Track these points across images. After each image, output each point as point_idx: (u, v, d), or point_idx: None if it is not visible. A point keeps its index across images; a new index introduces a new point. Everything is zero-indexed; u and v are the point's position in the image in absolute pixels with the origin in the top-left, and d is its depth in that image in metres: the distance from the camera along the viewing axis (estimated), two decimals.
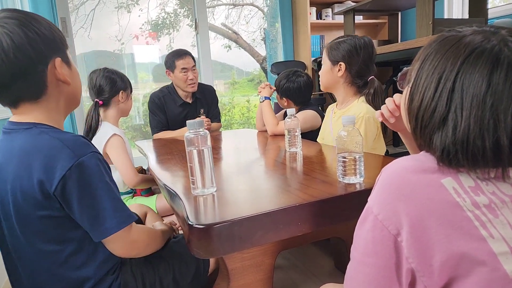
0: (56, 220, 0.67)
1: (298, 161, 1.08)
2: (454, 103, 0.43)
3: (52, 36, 0.68)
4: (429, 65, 0.47)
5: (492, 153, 0.42)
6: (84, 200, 0.65)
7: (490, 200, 0.42)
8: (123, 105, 1.48)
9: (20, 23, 0.63)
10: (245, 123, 4.56)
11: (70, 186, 0.63)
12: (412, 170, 0.46)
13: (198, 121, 0.74)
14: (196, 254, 0.61)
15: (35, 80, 0.67)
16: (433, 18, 1.65)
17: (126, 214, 0.71)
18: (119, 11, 3.55)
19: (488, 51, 0.42)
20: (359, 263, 0.49)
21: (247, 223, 0.62)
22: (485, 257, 0.40)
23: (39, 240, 0.67)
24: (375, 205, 0.47)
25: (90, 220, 0.66)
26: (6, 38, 0.62)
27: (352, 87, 1.28)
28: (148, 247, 0.79)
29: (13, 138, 0.68)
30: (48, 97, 0.70)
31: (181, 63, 1.96)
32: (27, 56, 0.64)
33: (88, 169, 0.65)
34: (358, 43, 1.23)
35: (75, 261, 0.70)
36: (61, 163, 0.63)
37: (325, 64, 1.32)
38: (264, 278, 0.83)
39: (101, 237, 0.69)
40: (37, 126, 0.68)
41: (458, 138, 0.43)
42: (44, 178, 0.63)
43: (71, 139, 0.67)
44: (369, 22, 3.06)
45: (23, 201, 0.65)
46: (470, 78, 0.42)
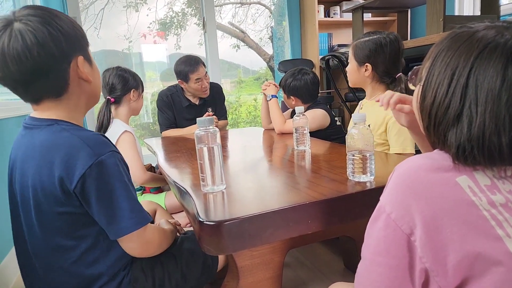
0: (74, 216, 0.68)
1: (306, 159, 1.08)
2: (469, 99, 0.42)
3: (74, 33, 0.69)
4: (441, 62, 0.46)
5: (509, 150, 0.41)
6: (102, 199, 0.66)
7: (507, 199, 0.41)
8: (134, 103, 1.49)
9: (43, 20, 0.64)
10: (252, 121, 4.56)
11: (89, 184, 0.64)
12: (426, 168, 0.45)
13: (209, 118, 0.74)
14: (206, 251, 0.61)
15: (58, 78, 0.67)
16: (444, 15, 1.63)
17: (143, 215, 0.71)
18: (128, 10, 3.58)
19: (501, 46, 0.41)
20: (371, 262, 0.48)
21: (257, 220, 0.62)
22: (501, 257, 0.39)
23: (57, 235, 0.68)
24: (387, 204, 0.47)
25: (107, 218, 0.67)
26: (30, 36, 0.62)
27: (381, 84, 1.28)
28: (161, 247, 0.80)
29: (34, 134, 0.68)
30: (69, 94, 0.70)
31: (195, 75, 1.92)
32: (50, 53, 0.64)
33: (107, 168, 0.66)
34: (384, 42, 1.21)
35: (90, 257, 0.70)
36: (81, 161, 0.64)
37: (352, 63, 1.31)
38: (273, 276, 0.83)
39: (117, 236, 0.69)
40: (59, 123, 0.69)
41: (474, 134, 0.42)
42: (64, 175, 0.64)
43: (92, 137, 0.67)
44: (378, 20, 3.03)
45: (43, 196, 0.65)
46: (484, 73, 0.41)
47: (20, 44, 0.61)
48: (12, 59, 0.62)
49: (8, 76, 0.64)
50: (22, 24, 0.63)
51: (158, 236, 0.78)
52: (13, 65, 0.62)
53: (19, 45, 0.61)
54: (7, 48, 0.61)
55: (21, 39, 0.61)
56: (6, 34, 0.62)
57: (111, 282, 0.74)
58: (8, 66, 0.62)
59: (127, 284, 0.75)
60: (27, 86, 0.66)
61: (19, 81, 0.65)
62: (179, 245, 0.85)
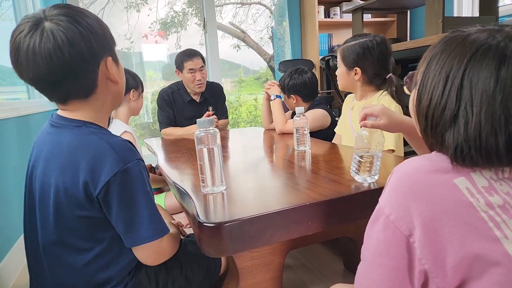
0: (93, 220, 0.67)
1: (307, 160, 1.08)
2: (464, 100, 0.43)
3: (103, 33, 0.68)
4: (436, 65, 0.47)
5: (506, 149, 0.41)
6: (123, 205, 0.65)
7: (504, 201, 0.42)
8: (134, 103, 1.49)
9: (73, 20, 0.63)
10: (252, 121, 4.56)
11: (113, 190, 0.64)
12: (425, 170, 0.46)
13: (209, 119, 0.74)
14: (206, 253, 0.61)
15: (87, 79, 0.67)
16: (443, 16, 1.63)
17: (161, 226, 0.70)
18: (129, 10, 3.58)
19: (494, 48, 0.42)
20: (371, 263, 0.49)
21: (257, 221, 0.62)
22: (500, 258, 0.39)
23: (72, 237, 0.68)
24: (386, 206, 0.47)
25: (125, 226, 0.67)
26: (61, 35, 0.61)
27: (371, 85, 1.29)
28: (172, 253, 0.79)
29: (62, 134, 0.68)
30: (97, 95, 0.70)
31: (189, 64, 1.97)
32: (81, 53, 0.63)
33: (132, 176, 0.65)
34: (371, 45, 1.22)
35: (101, 261, 0.70)
36: (108, 167, 0.63)
37: (341, 68, 1.32)
38: (273, 277, 0.83)
39: (133, 244, 0.69)
40: (87, 125, 0.69)
41: (470, 134, 0.43)
42: (90, 180, 0.63)
43: (119, 143, 0.67)
44: (377, 21, 3.03)
45: (65, 198, 0.65)
46: (478, 74, 0.42)
47: (52, 43, 0.61)
48: (43, 58, 0.61)
49: (38, 76, 0.63)
50: (53, 24, 0.62)
51: (172, 245, 0.77)
52: (43, 65, 0.61)
53: (50, 44, 0.61)
54: (38, 48, 0.61)
55: (53, 38, 0.61)
56: (38, 33, 0.61)
57: (118, 286, 0.73)
58: (39, 66, 0.61)
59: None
60: (56, 86, 0.65)
61: (49, 81, 0.64)
62: (183, 249, 0.85)
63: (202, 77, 2.01)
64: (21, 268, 1.39)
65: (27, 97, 2.07)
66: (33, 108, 1.74)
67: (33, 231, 0.72)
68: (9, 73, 2.18)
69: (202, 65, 2.01)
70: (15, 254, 1.37)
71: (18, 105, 1.68)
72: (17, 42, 0.62)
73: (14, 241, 1.41)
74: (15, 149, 1.50)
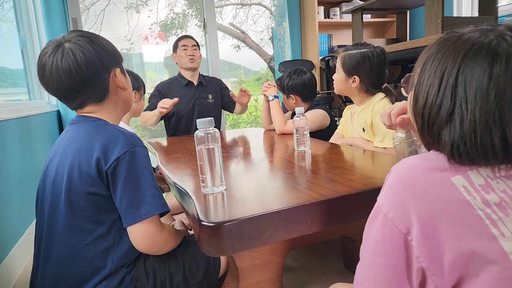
0: (100, 198, 0.74)
1: (306, 160, 1.08)
2: (459, 97, 0.44)
3: (112, 50, 0.83)
4: (431, 66, 0.48)
5: (501, 145, 0.42)
6: (129, 182, 0.73)
7: (500, 199, 0.42)
8: (136, 105, 1.50)
9: (89, 40, 0.77)
10: (252, 122, 4.56)
11: (121, 167, 0.72)
12: (422, 168, 0.46)
13: (208, 119, 0.75)
14: (206, 252, 0.61)
15: (101, 86, 0.80)
16: (442, 16, 1.64)
17: (162, 202, 0.76)
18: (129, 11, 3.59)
19: (486, 46, 0.43)
20: (369, 262, 0.49)
21: (257, 221, 0.62)
22: (496, 256, 0.40)
23: (78, 215, 0.73)
24: (384, 204, 0.47)
25: (129, 202, 0.73)
26: (79, 53, 0.75)
27: (365, 93, 1.34)
28: (167, 245, 0.81)
29: (80, 126, 0.79)
30: (109, 100, 0.83)
31: (182, 42, 2.10)
32: (95, 67, 0.77)
33: (139, 157, 0.75)
34: (371, 56, 1.27)
35: (101, 244, 0.74)
36: (118, 147, 0.73)
37: (340, 73, 1.35)
38: (273, 277, 0.83)
39: (133, 221, 0.73)
40: (102, 120, 0.81)
41: (466, 131, 0.43)
42: (102, 156, 0.72)
43: (129, 132, 0.78)
44: (377, 21, 3.04)
45: (78, 175, 0.73)
46: (472, 72, 0.43)
47: (72, 59, 0.74)
48: (65, 72, 0.74)
49: (61, 86, 0.76)
50: (72, 44, 0.75)
51: (166, 233, 0.80)
52: (65, 77, 0.74)
53: (70, 60, 0.74)
54: (60, 63, 0.74)
55: (72, 55, 0.74)
56: (59, 52, 0.74)
57: (114, 277, 0.75)
58: (61, 78, 0.74)
59: (129, 282, 0.76)
60: (76, 94, 0.78)
61: (70, 90, 0.77)
62: (184, 248, 0.86)
63: (193, 54, 2.10)
64: (24, 265, 1.41)
65: (28, 98, 2.08)
66: (34, 109, 1.75)
67: (42, 217, 0.77)
68: (11, 74, 2.19)
69: (195, 45, 2.12)
70: (17, 252, 1.38)
71: (19, 106, 1.69)
72: (43, 61, 0.75)
73: (17, 238, 1.42)
74: (16, 150, 1.51)
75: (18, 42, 2.12)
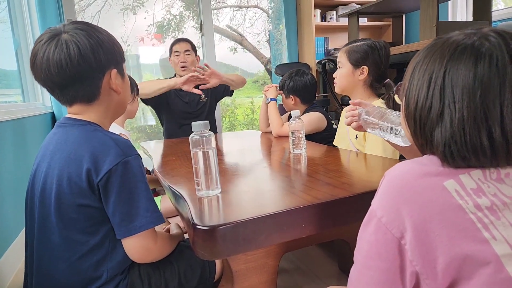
0: (92, 210, 0.70)
1: (302, 163, 1.08)
2: (447, 98, 0.45)
3: (112, 49, 0.76)
4: (419, 70, 0.50)
5: (489, 144, 0.43)
6: (122, 195, 0.69)
7: (491, 202, 0.43)
8: (129, 106, 1.49)
9: (88, 34, 0.72)
10: (249, 124, 4.56)
11: (113, 180, 0.68)
12: (415, 173, 0.47)
13: (204, 122, 0.74)
14: (200, 256, 0.61)
15: (91, 85, 0.74)
16: (437, 21, 1.65)
17: (157, 215, 0.73)
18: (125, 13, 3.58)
19: (470, 46, 0.45)
20: (363, 266, 0.49)
21: (252, 224, 0.62)
22: (489, 259, 0.40)
23: (71, 228, 0.70)
24: (378, 208, 0.48)
25: (122, 215, 0.70)
26: (74, 47, 0.69)
27: (369, 89, 1.29)
28: (162, 254, 0.80)
29: (68, 131, 0.74)
30: (100, 102, 0.77)
31: (175, 47, 2.03)
32: (89, 64, 0.71)
33: (132, 168, 0.71)
34: (379, 46, 1.25)
35: (94, 256, 0.72)
36: (110, 158, 0.69)
37: (345, 67, 1.30)
38: (268, 280, 0.83)
39: (127, 234, 0.71)
40: (91, 124, 0.75)
41: (455, 129, 0.45)
42: (93, 168, 0.68)
43: (121, 140, 0.74)
44: (373, 25, 3.06)
45: (67, 187, 0.69)
46: (458, 72, 0.45)
47: (65, 52, 0.69)
48: (55, 64, 0.69)
49: (49, 78, 0.71)
50: (69, 36, 0.70)
51: (162, 243, 0.78)
52: (54, 70, 0.69)
53: (63, 53, 0.69)
54: (52, 55, 0.69)
55: (66, 48, 0.69)
56: (54, 42, 0.69)
57: (109, 284, 0.74)
58: (50, 70, 0.69)
59: None
60: (63, 89, 0.73)
61: (57, 83, 0.72)
62: (179, 253, 0.85)
63: (186, 60, 2.01)
64: (19, 267, 1.39)
65: (22, 100, 2.06)
66: (28, 111, 1.73)
67: (32, 226, 0.74)
68: (5, 75, 2.17)
69: (188, 49, 2.04)
70: (12, 254, 1.37)
71: (12, 108, 1.67)
72: (36, 49, 0.71)
73: (10, 242, 1.41)
74: (10, 152, 1.50)
75: (12, 43, 2.10)
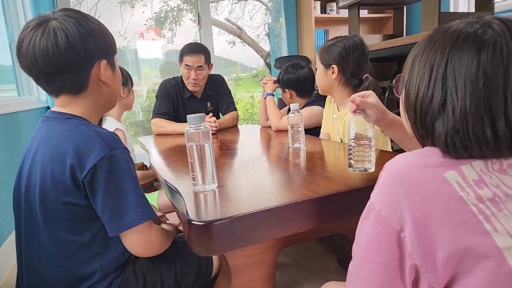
0: (78, 208, 0.68)
1: (301, 157, 1.07)
2: (449, 87, 0.44)
3: (103, 39, 0.74)
4: (420, 60, 0.48)
5: (491, 132, 0.42)
6: (110, 191, 0.67)
7: (494, 194, 0.42)
8: (125, 100, 1.48)
9: (77, 22, 0.69)
10: (248, 119, 4.54)
11: (99, 175, 0.66)
12: (415, 165, 0.46)
13: (199, 115, 0.73)
14: (196, 252, 0.60)
15: (79, 76, 0.71)
16: (439, 12, 1.63)
17: (147, 210, 0.71)
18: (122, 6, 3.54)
19: (472, 34, 0.44)
20: (362, 260, 0.48)
21: (248, 219, 0.61)
22: (490, 252, 0.39)
23: (58, 227, 0.68)
24: (377, 201, 0.47)
25: (111, 212, 0.67)
26: (62, 34, 0.67)
27: (348, 87, 1.29)
28: (162, 248, 0.79)
29: (53, 126, 0.71)
30: (87, 93, 0.74)
31: (187, 59, 1.85)
32: (77, 53, 0.68)
33: (119, 162, 0.68)
34: (348, 44, 1.25)
35: (85, 254, 0.70)
36: (95, 153, 0.66)
37: (319, 68, 1.33)
38: (266, 275, 0.82)
39: (118, 231, 0.69)
40: (76, 118, 0.72)
41: (458, 119, 0.44)
42: (76, 164, 0.65)
43: (106, 133, 0.71)
44: (374, 17, 3.02)
45: (51, 184, 0.66)
46: (460, 61, 0.44)
47: (52, 40, 0.66)
48: (41, 52, 0.66)
49: (34, 67, 0.68)
50: (57, 23, 0.68)
51: (160, 236, 0.77)
52: (40, 58, 0.66)
53: (50, 41, 0.66)
54: (38, 42, 0.66)
55: (53, 36, 0.66)
56: (41, 29, 0.67)
57: (102, 282, 0.73)
58: (36, 58, 0.67)
59: (117, 287, 0.74)
60: (49, 78, 0.70)
61: (43, 72, 0.69)
62: (175, 250, 0.84)
63: (197, 77, 1.87)
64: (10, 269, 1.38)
65: (17, 95, 2.04)
66: (22, 105, 1.71)
67: (19, 226, 0.73)
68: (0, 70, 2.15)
69: (201, 64, 1.85)
70: (5, 251, 1.36)
71: (6, 102, 1.65)
72: (23, 35, 0.68)
73: (4, 238, 1.40)
74: (2, 147, 1.48)
75: (6, 36, 2.07)
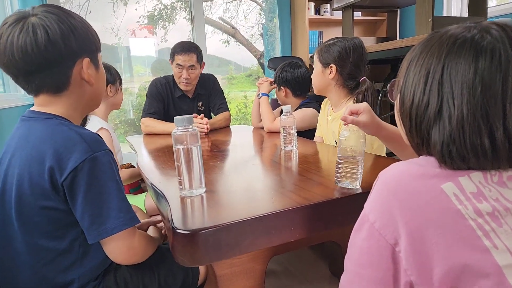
0: (56, 213, 0.65)
1: (293, 161, 1.04)
2: (445, 94, 0.42)
3: (86, 36, 0.71)
4: (416, 65, 0.47)
5: (490, 144, 0.40)
6: (91, 195, 0.64)
7: (493, 208, 0.39)
8: (113, 99, 1.42)
9: (58, 19, 0.66)
10: (241, 119, 4.51)
11: (80, 178, 0.63)
12: (411, 175, 0.44)
13: (187, 117, 0.70)
14: (180, 262, 0.57)
15: (60, 74, 0.68)
16: (433, 16, 1.62)
17: (130, 216, 0.68)
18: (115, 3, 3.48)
19: (470, 40, 0.42)
20: (354, 275, 0.46)
21: (236, 228, 0.58)
22: (489, 270, 0.37)
23: (34, 232, 0.65)
24: (371, 213, 0.45)
25: (92, 217, 0.64)
26: (42, 31, 0.64)
27: (344, 89, 1.27)
28: (146, 255, 0.75)
29: (31, 126, 0.68)
30: (69, 93, 0.71)
31: (178, 58, 1.81)
32: (58, 50, 0.66)
33: (101, 165, 0.65)
34: (348, 45, 1.23)
35: (62, 262, 0.67)
36: (76, 155, 0.63)
37: (317, 67, 1.31)
38: (254, 285, 0.79)
39: (99, 238, 0.65)
40: (57, 117, 0.69)
41: (454, 127, 0.42)
42: (56, 166, 0.62)
43: (89, 134, 0.67)
44: (368, 19, 3.03)
45: (29, 187, 0.64)
46: (457, 67, 0.42)
47: (31, 37, 0.63)
48: (19, 49, 0.63)
49: (12, 64, 0.65)
50: (37, 19, 0.65)
51: (144, 242, 0.73)
52: (18, 55, 0.64)
53: (29, 38, 0.63)
54: (16, 39, 0.63)
55: (32, 32, 0.64)
56: (19, 26, 0.64)
57: None
58: (13, 55, 0.64)
59: None
60: (29, 76, 0.67)
61: (22, 70, 0.66)
62: (159, 257, 0.80)
63: (189, 76, 1.83)
64: None
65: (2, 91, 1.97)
66: (7, 102, 1.65)
67: None
68: None
69: (193, 64, 1.82)
70: None
71: None
72: (0, 32, 0.65)
73: None
74: None
75: None
